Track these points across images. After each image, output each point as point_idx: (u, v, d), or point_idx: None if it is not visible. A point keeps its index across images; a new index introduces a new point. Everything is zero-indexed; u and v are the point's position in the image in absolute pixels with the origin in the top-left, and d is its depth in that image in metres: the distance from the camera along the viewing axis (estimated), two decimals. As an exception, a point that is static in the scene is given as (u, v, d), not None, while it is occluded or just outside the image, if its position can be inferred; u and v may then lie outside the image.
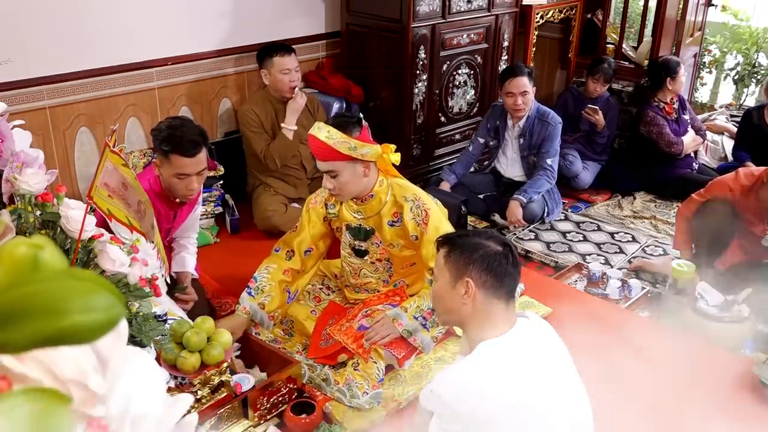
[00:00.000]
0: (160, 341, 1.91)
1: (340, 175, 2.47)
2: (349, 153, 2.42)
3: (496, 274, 1.68)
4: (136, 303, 1.67)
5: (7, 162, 1.61)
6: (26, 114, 3.08)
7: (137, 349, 0.61)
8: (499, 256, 1.69)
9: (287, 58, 3.60)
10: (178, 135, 2.50)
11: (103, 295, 0.45)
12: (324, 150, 2.44)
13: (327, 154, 2.44)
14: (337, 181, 2.48)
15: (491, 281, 1.67)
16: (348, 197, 2.57)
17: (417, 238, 2.52)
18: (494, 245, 1.71)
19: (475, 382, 1.59)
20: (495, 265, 1.68)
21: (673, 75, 4.21)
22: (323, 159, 2.46)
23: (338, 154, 2.42)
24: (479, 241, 1.72)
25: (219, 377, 2.06)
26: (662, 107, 4.25)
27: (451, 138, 4.44)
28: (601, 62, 4.38)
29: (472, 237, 1.75)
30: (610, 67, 4.36)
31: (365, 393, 2.40)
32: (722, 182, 3.13)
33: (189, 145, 2.50)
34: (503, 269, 1.68)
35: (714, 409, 2.35)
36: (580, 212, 4.16)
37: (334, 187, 2.50)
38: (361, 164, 2.48)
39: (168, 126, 2.56)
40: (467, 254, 1.70)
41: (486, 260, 1.68)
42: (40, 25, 3.13)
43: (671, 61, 4.30)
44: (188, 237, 2.93)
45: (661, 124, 4.19)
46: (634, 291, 3.15)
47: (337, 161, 2.44)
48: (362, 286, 2.77)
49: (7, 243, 0.45)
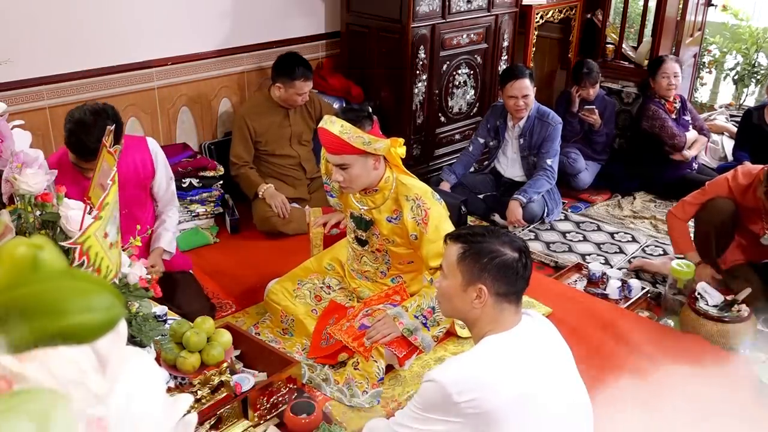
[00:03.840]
0: (160, 341, 1.91)
1: (351, 168, 2.47)
2: (363, 147, 2.42)
3: (510, 281, 1.66)
4: (136, 303, 1.67)
5: (7, 162, 1.61)
6: (26, 114, 3.08)
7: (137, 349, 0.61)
8: (516, 263, 1.66)
9: (308, 83, 3.61)
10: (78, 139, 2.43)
11: (103, 295, 0.45)
12: (337, 144, 2.43)
13: (340, 147, 2.44)
14: (348, 173, 2.49)
15: (505, 288, 1.66)
16: (357, 189, 2.57)
17: (416, 237, 2.52)
18: (510, 252, 1.67)
19: (478, 375, 1.59)
20: (510, 272, 1.66)
21: (654, 75, 4.23)
22: (336, 152, 2.46)
23: (352, 148, 2.42)
24: (496, 247, 1.67)
25: (219, 377, 2.06)
26: (663, 103, 4.25)
27: (451, 138, 4.44)
28: (580, 69, 4.31)
29: (489, 240, 1.69)
30: (591, 70, 4.27)
31: (365, 392, 2.41)
32: (720, 182, 3.12)
33: (87, 151, 2.44)
34: (518, 276, 1.67)
35: (714, 409, 2.35)
36: (580, 212, 4.16)
37: (344, 180, 2.50)
38: (372, 157, 2.49)
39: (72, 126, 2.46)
40: (483, 260, 1.66)
41: (502, 269, 1.65)
42: (40, 25, 3.13)
43: (657, 60, 4.30)
44: (166, 211, 2.90)
45: (663, 118, 4.20)
46: (634, 291, 3.14)
47: (350, 155, 2.45)
48: (363, 273, 2.78)
49: (7, 243, 0.45)
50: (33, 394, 0.44)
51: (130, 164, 2.67)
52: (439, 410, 1.59)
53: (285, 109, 3.70)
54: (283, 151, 3.74)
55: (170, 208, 2.91)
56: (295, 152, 3.77)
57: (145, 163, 2.76)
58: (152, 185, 2.83)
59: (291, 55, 3.67)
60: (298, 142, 3.79)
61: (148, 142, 2.78)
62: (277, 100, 3.66)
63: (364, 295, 2.75)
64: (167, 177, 2.86)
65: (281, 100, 3.65)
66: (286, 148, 3.75)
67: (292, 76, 3.55)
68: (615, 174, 4.42)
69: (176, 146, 3.71)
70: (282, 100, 3.65)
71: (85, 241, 1.36)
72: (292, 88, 3.58)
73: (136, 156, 2.70)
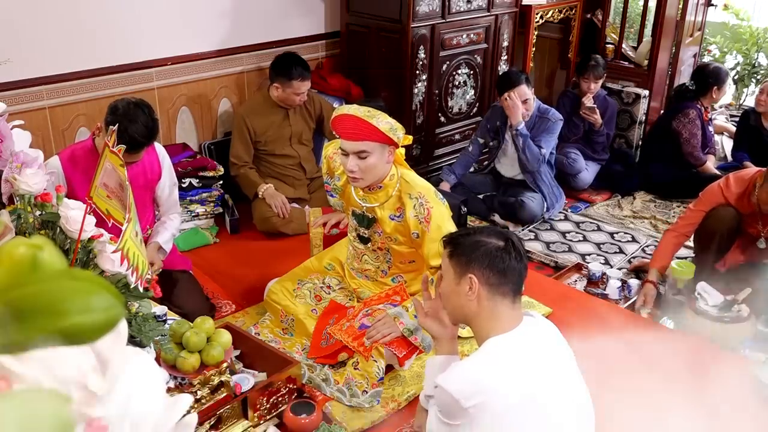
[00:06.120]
0: (159, 341, 1.91)
1: (369, 157, 2.42)
2: (389, 134, 2.39)
3: (498, 269, 1.70)
4: (136, 303, 1.67)
5: (7, 162, 1.61)
6: (26, 114, 3.08)
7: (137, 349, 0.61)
8: (501, 251, 1.71)
9: (305, 82, 3.60)
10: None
11: (103, 296, 0.45)
12: (362, 128, 2.38)
13: (365, 133, 2.38)
14: (365, 162, 2.42)
15: (494, 277, 1.70)
16: (367, 183, 2.51)
17: (418, 235, 2.52)
18: (495, 241, 1.73)
19: (481, 377, 1.62)
20: (497, 261, 1.70)
21: (720, 85, 4.23)
22: (358, 138, 2.39)
23: (378, 133, 2.38)
24: (480, 239, 1.74)
25: (219, 377, 2.06)
26: (702, 111, 4.26)
27: (451, 138, 4.44)
28: (588, 60, 4.34)
29: (474, 234, 1.77)
30: (598, 64, 4.29)
31: (365, 392, 2.41)
32: (714, 190, 3.09)
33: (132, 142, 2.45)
34: (505, 264, 1.70)
35: (714, 409, 2.35)
36: (579, 212, 4.16)
37: (359, 170, 2.44)
38: (389, 149, 2.46)
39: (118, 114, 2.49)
40: (469, 251, 1.72)
41: (487, 257, 1.70)
42: (40, 25, 3.13)
43: (722, 71, 4.31)
44: (168, 215, 2.90)
45: (697, 125, 4.20)
46: (633, 291, 3.15)
47: (372, 141, 2.40)
48: (363, 272, 2.77)
49: (7, 243, 0.45)
50: (33, 394, 0.44)
51: (138, 165, 2.68)
52: (456, 416, 1.62)
53: (284, 109, 3.70)
54: (283, 151, 3.74)
55: (173, 214, 2.92)
56: (295, 152, 3.77)
57: (152, 165, 2.78)
58: (155, 189, 2.83)
59: (288, 55, 3.67)
60: (298, 142, 3.79)
61: (156, 146, 2.80)
62: (276, 100, 3.66)
63: (365, 295, 2.75)
64: (171, 182, 2.88)
65: (279, 100, 3.65)
66: (286, 148, 3.75)
67: (289, 76, 3.55)
68: (615, 174, 4.42)
69: (176, 146, 3.71)
70: (280, 100, 3.65)
71: (125, 246, 1.38)
72: (290, 87, 3.58)
73: (145, 157, 2.71)
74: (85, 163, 2.59)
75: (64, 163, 2.59)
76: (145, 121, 2.51)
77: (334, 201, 2.91)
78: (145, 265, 1.52)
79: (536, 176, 3.91)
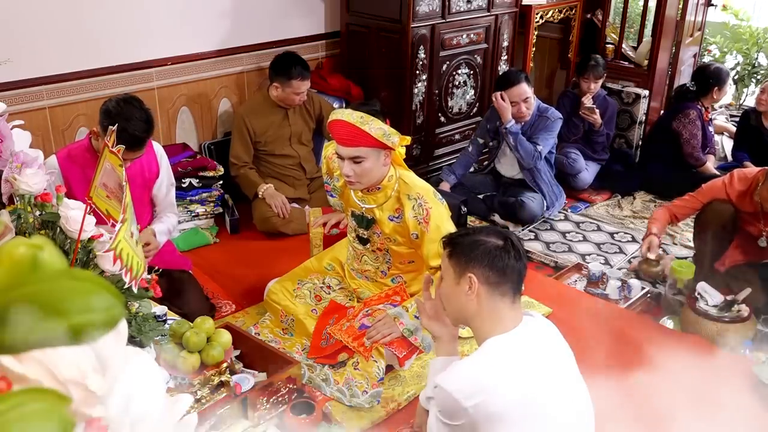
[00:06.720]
0: (159, 341, 1.91)
1: (365, 161, 2.42)
2: (382, 139, 2.39)
3: (497, 269, 1.70)
4: (136, 303, 1.67)
5: (7, 162, 1.61)
6: (26, 114, 3.08)
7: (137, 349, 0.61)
8: (500, 250, 1.71)
9: (305, 82, 3.60)
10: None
11: (103, 296, 0.45)
12: (355, 134, 2.38)
13: (358, 139, 2.38)
14: (361, 167, 2.43)
15: (494, 276, 1.70)
16: (365, 185, 2.52)
17: (418, 236, 2.52)
18: (494, 240, 1.73)
19: (481, 378, 1.62)
20: (496, 260, 1.70)
21: (721, 86, 4.24)
22: (352, 144, 2.40)
23: (371, 139, 2.38)
24: (479, 238, 1.74)
25: (219, 377, 2.06)
26: (702, 111, 4.27)
27: (451, 138, 4.44)
28: (588, 60, 4.34)
29: (473, 234, 1.78)
30: (598, 64, 4.29)
31: (365, 392, 2.40)
32: (717, 185, 3.10)
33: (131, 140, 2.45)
34: (504, 263, 1.70)
35: (714, 409, 2.35)
36: (579, 212, 4.16)
37: (355, 174, 2.45)
38: (384, 152, 2.46)
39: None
40: (468, 251, 1.72)
41: (487, 256, 1.70)
42: (40, 25, 3.13)
43: (723, 72, 4.32)
44: (164, 213, 2.89)
45: (697, 125, 4.20)
46: (633, 291, 3.14)
47: (366, 147, 2.40)
48: (363, 272, 2.77)
49: (7, 243, 0.45)
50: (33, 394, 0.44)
51: (136, 163, 2.67)
52: (456, 416, 1.62)
53: (284, 109, 3.70)
54: (282, 151, 3.74)
55: (168, 213, 2.91)
56: (295, 152, 3.77)
57: (150, 165, 2.77)
58: (153, 188, 2.83)
59: (288, 54, 3.67)
60: (298, 142, 3.79)
61: (154, 145, 2.79)
62: (276, 100, 3.66)
63: (364, 295, 2.75)
64: (168, 182, 2.87)
65: (279, 99, 3.65)
66: (286, 148, 3.75)
67: (289, 76, 3.55)
68: (615, 174, 4.42)
69: (176, 146, 3.71)
70: (280, 100, 3.65)
71: (117, 246, 1.38)
72: (289, 87, 3.58)
73: (143, 157, 2.71)
74: (82, 161, 2.60)
75: (61, 162, 2.59)
76: (141, 116, 2.51)
77: (334, 201, 2.91)
78: (140, 266, 1.51)
79: (535, 174, 3.91)
